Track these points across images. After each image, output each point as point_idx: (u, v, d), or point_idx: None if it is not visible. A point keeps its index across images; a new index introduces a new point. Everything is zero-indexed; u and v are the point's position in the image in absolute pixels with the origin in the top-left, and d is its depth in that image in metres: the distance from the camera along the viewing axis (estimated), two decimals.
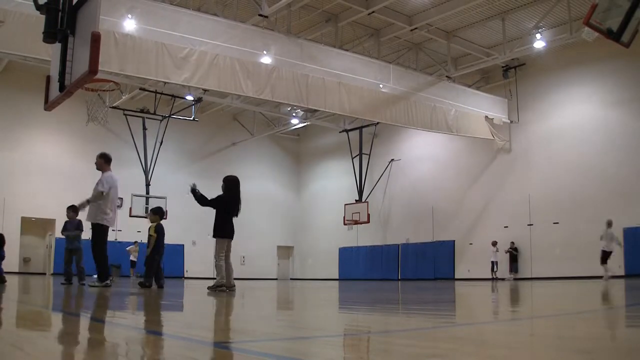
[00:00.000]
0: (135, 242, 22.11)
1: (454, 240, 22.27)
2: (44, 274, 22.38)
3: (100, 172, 8.84)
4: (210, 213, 8.23)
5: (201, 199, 8.18)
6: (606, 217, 15.39)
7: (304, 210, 29.46)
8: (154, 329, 3.00)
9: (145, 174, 22.21)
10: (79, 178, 23.09)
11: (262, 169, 28.38)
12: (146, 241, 9.49)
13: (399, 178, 24.82)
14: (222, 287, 7.97)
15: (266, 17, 14.57)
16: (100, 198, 8.53)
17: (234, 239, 8.22)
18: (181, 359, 1.90)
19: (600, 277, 15.00)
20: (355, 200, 23.89)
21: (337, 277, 26.01)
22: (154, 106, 21.75)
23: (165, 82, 16.91)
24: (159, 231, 9.23)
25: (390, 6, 16.57)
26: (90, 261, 9.01)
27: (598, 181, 17.86)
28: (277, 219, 28.55)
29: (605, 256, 15.27)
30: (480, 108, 19.40)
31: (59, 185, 22.42)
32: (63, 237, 10.89)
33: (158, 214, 9.54)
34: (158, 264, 9.22)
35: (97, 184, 8.70)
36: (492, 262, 19.79)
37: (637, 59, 16.23)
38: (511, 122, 20.46)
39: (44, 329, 2.96)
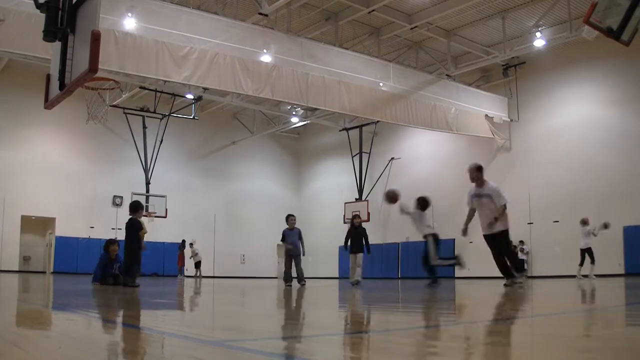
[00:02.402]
0: (185, 241, 22.48)
1: (454, 239, 22.24)
2: (44, 272, 22.39)
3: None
4: (208, 213, 8.23)
5: None
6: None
7: (304, 208, 29.41)
8: (153, 328, 3.00)
9: (145, 173, 22.22)
10: (79, 176, 23.17)
11: (262, 167, 28.35)
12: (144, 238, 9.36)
13: (399, 177, 24.79)
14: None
15: (266, 15, 14.57)
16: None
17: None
18: (181, 358, 1.90)
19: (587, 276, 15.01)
20: (356, 198, 23.89)
21: (337, 275, 26.01)
22: (154, 105, 21.75)
23: (165, 81, 16.90)
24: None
25: (390, 5, 16.56)
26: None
27: (598, 180, 17.85)
28: (277, 218, 28.29)
29: (583, 255, 15.17)
30: (481, 106, 19.39)
31: (58, 183, 22.45)
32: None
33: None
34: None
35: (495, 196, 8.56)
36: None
37: (637, 57, 16.20)
38: (511, 120, 20.45)
39: (47, 327, 2.96)
